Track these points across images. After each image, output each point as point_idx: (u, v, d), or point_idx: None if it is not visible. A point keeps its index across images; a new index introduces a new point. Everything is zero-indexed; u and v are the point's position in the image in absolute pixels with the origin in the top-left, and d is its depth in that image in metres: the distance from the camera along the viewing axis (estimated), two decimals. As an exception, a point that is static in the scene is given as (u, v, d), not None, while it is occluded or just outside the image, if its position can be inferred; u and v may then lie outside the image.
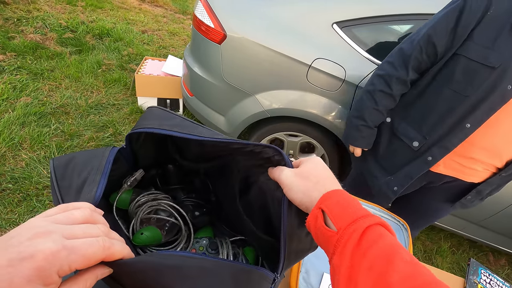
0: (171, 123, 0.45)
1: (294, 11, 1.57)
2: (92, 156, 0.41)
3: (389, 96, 1.01)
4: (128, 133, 0.46)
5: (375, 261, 0.30)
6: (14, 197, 1.50)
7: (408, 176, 1.04)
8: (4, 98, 2.00)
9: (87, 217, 0.30)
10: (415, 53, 0.94)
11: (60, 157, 0.41)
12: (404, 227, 0.82)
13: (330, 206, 0.35)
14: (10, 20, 2.81)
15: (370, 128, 1.08)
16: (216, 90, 1.78)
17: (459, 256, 2.04)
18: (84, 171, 0.38)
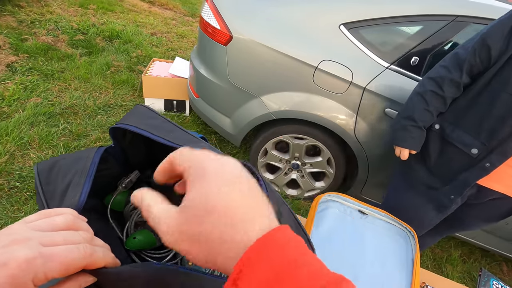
0: (149, 122, 0.44)
1: (300, 12, 1.55)
2: (77, 158, 0.40)
3: (440, 98, 1.02)
4: (110, 128, 0.46)
5: None
6: (21, 195, 1.52)
7: (465, 183, 1.02)
8: (15, 98, 2.04)
9: (69, 224, 0.29)
10: (469, 57, 0.95)
11: (45, 161, 0.40)
12: (411, 234, 0.79)
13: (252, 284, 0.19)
14: (24, 23, 2.88)
15: (420, 129, 1.07)
16: (222, 91, 1.77)
17: (470, 265, 1.97)
18: (69, 174, 0.37)
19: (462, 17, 1.37)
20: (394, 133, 1.14)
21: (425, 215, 1.20)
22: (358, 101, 1.51)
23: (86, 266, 0.27)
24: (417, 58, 1.44)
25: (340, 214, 0.84)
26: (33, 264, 0.23)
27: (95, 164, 0.39)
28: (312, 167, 1.85)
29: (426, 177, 1.12)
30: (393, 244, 0.81)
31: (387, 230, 0.83)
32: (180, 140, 0.41)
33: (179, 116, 2.37)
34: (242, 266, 0.20)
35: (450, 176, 1.07)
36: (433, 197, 1.12)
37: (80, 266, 0.26)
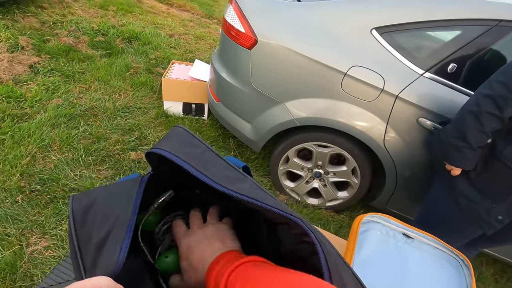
0: (189, 151, 0.40)
1: (329, 16, 1.49)
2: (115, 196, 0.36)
3: (498, 119, 0.94)
4: (147, 152, 0.42)
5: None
6: (42, 198, 1.51)
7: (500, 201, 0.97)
8: (37, 100, 2.05)
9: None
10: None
11: (81, 196, 0.36)
12: (465, 263, 0.71)
13: None
14: (46, 24, 2.92)
15: (474, 150, 1.01)
16: (244, 96, 1.72)
17: (504, 285, 1.85)
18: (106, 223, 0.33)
19: (506, 21, 1.28)
20: (445, 149, 1.08)
21: (464, 228, 1.15)
22: (389, 110, 1.43)
23: None
24: (455, 65, 1.35)
25: (383, 236, 0.78)
26: None
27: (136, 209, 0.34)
28: (335, 176, 1.77)
29: (467, 190, 1.07)
30: (442, 272, 0.74)
31: (435, 256, 0.76)
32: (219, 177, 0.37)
33: (197, 120, 2.33)
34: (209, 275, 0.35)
35: (496, 193, 1.01)
36: (475, 213, 1.06)
37: None
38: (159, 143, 0.44)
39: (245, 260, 0.33)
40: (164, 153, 0.39)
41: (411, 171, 1.53)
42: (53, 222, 1.43)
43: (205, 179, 0.36)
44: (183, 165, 0.37)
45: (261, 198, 0.35)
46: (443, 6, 1.37)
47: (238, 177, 0.39)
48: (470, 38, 1.33)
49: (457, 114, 1.07)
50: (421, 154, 1.46)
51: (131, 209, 0.34)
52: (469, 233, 1.15)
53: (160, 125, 2.21)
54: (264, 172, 2.08)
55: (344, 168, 1.71)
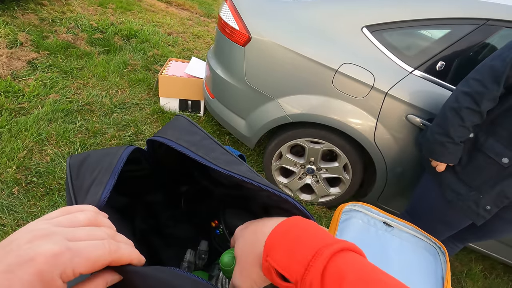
0: (189, 139, 0.43)
1: (321, 14, 1.52)
2: (105, 154, 0.39)
3: (477, 113, 0.99)
4: (148, 139, 0.45)
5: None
6: (38, 190, 1.54)
7: (503, 195, 1.01)
8: (35, 94, 2.07)
9: (91, 220, 0.28)
10: (508, 70, 0.92)
11: (77, 155, 0.39)
12: (441, 250, 0.74)
13: (275, 257, 0.30)
14: (45, 21, 2.94)
15: (457, 144, 1.06)
16: (238, 93, 1.75)
17: (492, 281, 1.88)
18: (95, 170, 0.36)
19: (493, 20, 1.30)
20: (430, 146, 1.13)
21: (451, 220, 1.19)
22: (379, 106, 1.46)
23: (111, 263, 0.26)
24: (444, 63, 1.38)
25: (364, 225, 0.80)
26: (61, 259, 0.22)
27: (122, 161, 0.37)
28: (327, 173, 1.80)
29: (454, 183, 1.11)
30: (421, 259, 0.76)
31: (414, 244, 0.78)
32: (220, 161, 0.39)
33: (193, 116, 2.36)
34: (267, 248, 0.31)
35: (481, 185, 1.05)
36: (464, 205, 1.10)
37: (106, 262, 0.25)
38: (161, 132, 0.46)
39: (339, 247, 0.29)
40: (166, 141, 0.41)
41: (401, 167, 1.56)
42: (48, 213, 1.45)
43: (206, 163, 0.38)
44: (184, 151, 0.40)
45: (257, 180, 0.38)
46: (432, 5, 1.40)
47: (235, 161, 0.42)
48: (458, 37, 1.36)
49: (439, 111, 1.11)
50: (411, 151, 1.49)
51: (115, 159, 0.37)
52: (456, 225, 1.19)
53: (156, 121, 2.23)
54: (258, 168, 2.10)
55: (336, 164, 1.74)
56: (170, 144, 0.41)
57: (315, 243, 0.29)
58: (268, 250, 0.31)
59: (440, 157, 1.10)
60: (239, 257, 0.36)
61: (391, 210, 1.78)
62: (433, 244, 0.76)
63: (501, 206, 1.03)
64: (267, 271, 0.31)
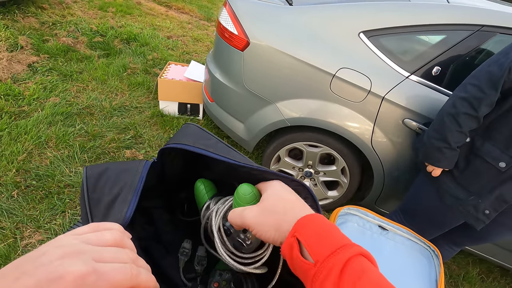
0: (206, 143, 0.45)
1: (319, 20, 1.54)
2: (125, 169, 0.40)
3: (474, 118, 1.00)
4: (162, 148, 0.46)
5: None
6: (37, 194, 1.54)
7: (502, 199, 1.01)
8: (35, 98, 2.09)
9: (117, 240, 0.29)
10: (505, 75, 0.93)
11: (94, 166, 0.40)
12: (435, 253, 0.75)
13: (305, 235, 0.32)
14: (46, 24, 2.96)
15: (454, 150, 1.07)
16: (237, 96, 1.76)
17: (489, 285, 1.89)
18: (116, 187, 0.37)
19: (488, 26, 1.33)
20: (427, 151, 1.14)
21: (448, 222, 1.20)
22: (376, 111, 1.47)
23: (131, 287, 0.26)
24: (439, 68, 1.40)
25: (359, 228, 0.81)
26: (87, 280, 0.23)
27: (143, 179, 0.38)
28: (325, 176, 1.81)
29: (453, 188, 1.12)
30: (415, 262, 0.77)
31: (408, 247, 0.79)
32: (239, 159, 0.42)
33: (192, 120, 2.37)
34: (298, 226, 0.33)
35: (480, 190, 1.06)
36: (463, 209, 1.10)
37: (127, 287, 0.26)
38: (174, 139, 0.47)
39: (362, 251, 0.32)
40: (184, 146, 0.43)
41: (398, 171, 1.57)
42: (48, 216, 1.46)
43: (229, 161, 0.41)
44: (205, 153, 0.41)
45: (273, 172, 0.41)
46: (428, 11, 1.42)
47: (250, 160, 0.45)
48: (454, 42, 1.38)
49: (436, 116, 1.11)
50: (408, 154, 1.50)
51: (137, 177, 0.39)
52: (448, 226, 1.21)
53: (156, 124, 2.25)
54: (256, 171, 2.11)
55: (333, 167, 1.75)
56: (188, 148, 0.42)
57: (344, 240, 0.32)
58: (298, 227, 0.33)
59: (436, 162, 1.11)
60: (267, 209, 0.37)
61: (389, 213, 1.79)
62: (427, 247, 0.78)
63: (500, 210, 1.04)
64: (288, 246, 0.33)
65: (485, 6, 1.43)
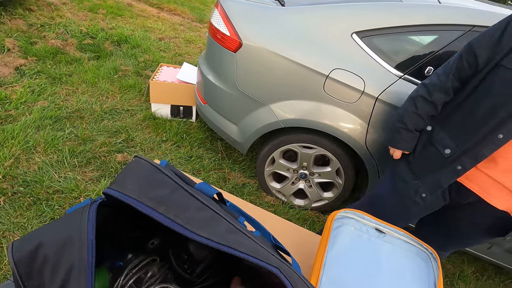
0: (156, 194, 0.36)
1: (311, 20, 1.53)
2: (64, 242, 0.30)
3: (429, 103, 1.04)
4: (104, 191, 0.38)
5: None
6: (25, 200, 1.50)
7: (438, 184, 1.03)
8: (22, 102, 2.03)
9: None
10: (456, 62, 0.98)
11: (21, 243, 0.31)
12: (433, 256, 0.74)
13: None
14: (33, 26, 2.90)
15: (410, 131, 1.10)
16: (230, 98, 1.74)
17: (484, 283, 1.90)
18: (60, 271, 0.29)
19: (479, 27, 1.33)
20: (390, 134, 1.18)
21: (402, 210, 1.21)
22: (370, 111, 1.47)
23: None
24: (432, 68, 1.40)
25: (356, 231, 0.80)
26: None
27: (91, 247, 0.30)
28: (320, 177, 1.80)
29: (404, 172, 1.15)
30: (413, 265, 0.76)
31: (406, 250, 0.78)
32: (195, 222, 0.35)
33: (185, 122, 2.34)
34: None
35: (424, 174, 1.08)
36: (406, 193, 1.14)
37: None
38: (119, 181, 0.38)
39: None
40: (126, 199, 0.35)
41: (393, 171, 1.57)
42: (36, 224, 1.42)
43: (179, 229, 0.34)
44: (150, 213, 0.34)
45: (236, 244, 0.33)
46: (419, 11, 1.42)
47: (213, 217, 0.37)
48: (446, 42, 1.38)
49: None
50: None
51: (84, 249, 0.30)
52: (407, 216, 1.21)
53: (148, 127, 2.21)
54: (251, 173, 2.10)
55: (328, 169, 1.74)
56: (131, 202, 0.35)
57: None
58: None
59: (395, 144, 1.14)
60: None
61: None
62: (425, 250, 0.76)
63: (434, 194, 1.05)
64: None
65: (476, 6, 1.44)
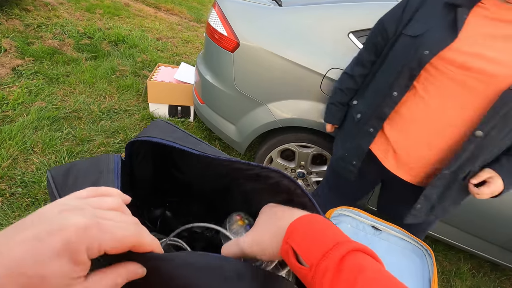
0: (174, 136, 0.43)
1: (308, 20, 1.54)
2: (94, 162, 0.38)
3: (350, 77, 1.13)
4: (130, 141, 0.44)
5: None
6: (23, 201, 1.50)
7: (360, 149, 1.07)
8: (19, 102, 2.03)
9: (117, 207, 0.28)
10: (370, 37, 1.08)
11: (57, 167, 0.37)
12: (428, 252, 0.75)
13: (296, 240, 0.31)
14: (30, 26, 2.89)
15: (334, 105, 1.20)
16: (228, 98, 1.75)
17: (480, 280, 1.92)
18: (90, 176, 0.35)
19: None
20: None
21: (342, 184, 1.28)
22: (367, 110, 1.48)
23: (135, 246, 0.25)
24: (428, 68, 1.41)
25: (353, 229, 0.81)
26: (90, 232, 0.22)
27: (118, 163, 0.36)
28: (318, 176, 1.81)
29: (336, 149, 1.22)
30: (409, 262, 0.77)
31: (402, 247, 0.79)
32: (209, 151, 0.40)
33: (183, 122, 2.35)
34: (289, 230, 0.32)
35: (347, 144, 1.14)
36: (339, 166, 1.19)
37: (131, 244, 0.25)
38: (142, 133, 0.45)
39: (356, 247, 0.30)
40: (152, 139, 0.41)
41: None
42: (34, 224, 1.42)
43: (197, 152, 0.39)
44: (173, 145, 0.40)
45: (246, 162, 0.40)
46: (415, 11, 1.43)
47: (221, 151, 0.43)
48: (441, 42, 1.40)
49: None
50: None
51: (112, 163, 0.37)
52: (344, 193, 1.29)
53: (146, 127, 2.21)
54: (249, 173, 2.10)
55: (325, 168, 1.75)
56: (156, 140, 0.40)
57: (337, 237, 0.31)
58: (290, 233, 0.32)
59: (325, 118, 1.26)
60: (260, 226, 0.37)
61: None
62: (420, 246, 0.78)
63: (361, 159, 1.08)
64: (284, 252, 0.32)
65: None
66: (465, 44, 0.78)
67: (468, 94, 0.79)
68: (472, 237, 1.73)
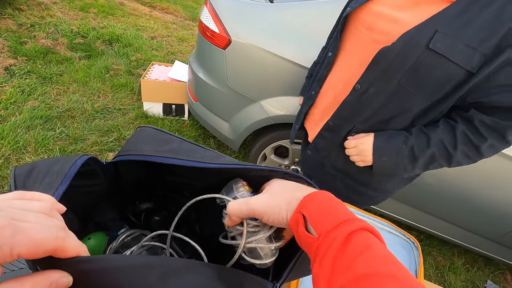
0: (169, 148, 0.41)
1: (300, 16, 1.53)
2: (55, 161, 0.37)
3: (323, 50, 1.14)
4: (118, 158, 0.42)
5: (360, 277, 0.26)
6: (15, 200, 1.49)
7: (301, 112, 1.08)
8: (12, 102, 2.02)
9: (45, 210, 0.26)
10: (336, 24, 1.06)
11: (23, 166, 0.37)
12: (415, 245, 0.76)
13: (309, 210, 0.33)
14: (23, 26, 2.87)
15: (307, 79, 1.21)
16: (221, 96, 1.75)
17: (474, 274, 1.93)
18: (46, 177, 0.34)
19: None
20: None
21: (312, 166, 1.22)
22: (359, 106, 1.48)
23: (56, 251, 0.23)
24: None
25: (340, 223, 0.81)
26: (2, 233, 0.20)
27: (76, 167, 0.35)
28: (312, 173, 1.81)
29: None
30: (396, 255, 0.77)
31: (390, 240, 0.80)
32: (208, 158, 0.40)
33: (177, 120, 2.34)
34: (304, 201, 0.34)
35: None
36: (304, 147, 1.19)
37: (50, 248, 0.23)
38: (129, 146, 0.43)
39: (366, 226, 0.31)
40: (147, 158, 0.39)
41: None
42: (26, 223, 1.41)
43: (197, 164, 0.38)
44: (171, 162, 0.38)
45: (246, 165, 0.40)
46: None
47: (219, 155, 0.43)
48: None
49: None
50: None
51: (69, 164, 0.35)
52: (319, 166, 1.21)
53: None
54: (244, 170, 2.10)
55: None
56: (154, 159, 0.39)
57: (349, 215, 0.32)
58: (304, 203, 0.33)
59: None
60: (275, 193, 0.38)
61: (375, 208, 1.81)
62: (407, 239, 0.78)
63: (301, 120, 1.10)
64: (294, 222, 0.33)
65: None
66: (379, 4, 0.77)
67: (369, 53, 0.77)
68: (466, 231, 1.74)
